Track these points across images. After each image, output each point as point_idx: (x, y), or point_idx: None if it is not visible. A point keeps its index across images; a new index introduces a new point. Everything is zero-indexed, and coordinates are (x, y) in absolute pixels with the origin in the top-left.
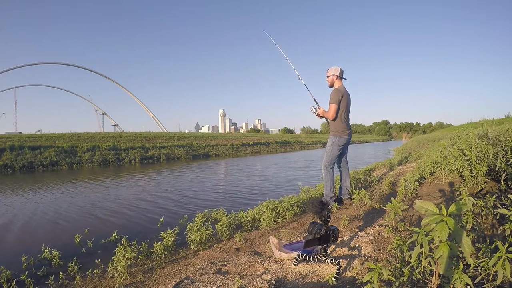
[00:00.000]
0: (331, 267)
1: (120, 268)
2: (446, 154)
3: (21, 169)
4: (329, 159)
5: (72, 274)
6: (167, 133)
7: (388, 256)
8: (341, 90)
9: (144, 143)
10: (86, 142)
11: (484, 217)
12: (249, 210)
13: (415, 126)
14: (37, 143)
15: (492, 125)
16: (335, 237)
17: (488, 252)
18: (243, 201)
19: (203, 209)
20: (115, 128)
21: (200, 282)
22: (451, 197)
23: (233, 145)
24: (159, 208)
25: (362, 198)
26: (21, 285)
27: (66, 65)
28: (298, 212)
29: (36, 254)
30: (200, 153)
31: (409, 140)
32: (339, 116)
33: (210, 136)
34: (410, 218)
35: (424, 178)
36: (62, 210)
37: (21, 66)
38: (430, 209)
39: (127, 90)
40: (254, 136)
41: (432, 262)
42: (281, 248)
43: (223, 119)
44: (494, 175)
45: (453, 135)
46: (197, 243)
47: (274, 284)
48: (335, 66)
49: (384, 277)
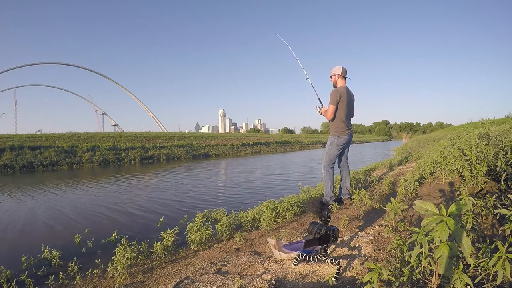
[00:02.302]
0: (331, 267)
1: (120, 268)
2: (446, 154)
3: (21, 169)
4: (328, 159)
5: (72, 274)
6: (167, 133)
7: (388, 256)
8: (340, 90)
9: (144, 143)
10: (86, 142)
11: (484, 217)
12: (249, 210)
13: (415, 126)
14: (37, 143)
15: (493, 125)
16: (335, 237)
17: (488, 252)
18: (243, 201)
19: (203, 209)
20: (115, 128)
21: (200, 282)
22: (451, 197)
23: (233, 145)
24: (159, 208)
25: (362, 198)
26: (21, 285)
27: (66, 65)
28: (298, 212)
29: (36, 254)
30: (200, 153)
31: (409, 140)
32: (338, 116)
33: (210, 136)
34: (410, 218)
35: (424, 178)
36: (62, 210)
37: (21, 66)
38: (430, 209)
39: (127, 90)
40: (254, 136)
41: (432, 262)
42: (280, 248)
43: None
44: (494, 175)
45: (453, 135)
46: (197, 243)
47: (274, 284)
48: (338, 66)
49: (384, 277)
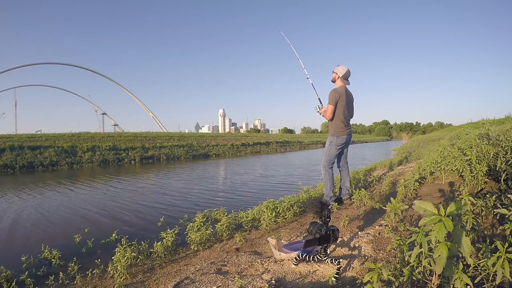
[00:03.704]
0: (331, 267)
1: (120, 268)
2: (446, 154)
3: (21, 169)
4: (327, 159)
5: (72, 274)
6: (167, 133)
7: (388, 256)
8: (339, 90)
9: (144, 143)
10: (86, 142)
11: (484, 217)
12: (249, 210)
13: (415, 126)
14: (37, 143)
15: (493, 125)
16: (335, 237)
17: (488, 252)
18: (243, 201)
19: (203, 209)
20: (115, 128)
21: (200, 282)
22: (451, 197)
23: (233, 145)
24: (159, 208)
25: (362, 198)
26: (21, 285)
27: (66, 65)
28: (298, 212)
29: (36, 254)
30: (200, 153)
31: (409, 140)
32: (337, 116)
33: (210, 136)
34: (410, 218)
35: (424, 178)
36: (62, 210)
37: (21, 66)
38: (428, 209)
39: (127, 90)
40: (254, 136)
41: (432, 262)
42: (280, 248)
43: (223, 119)
44: (494, 175)
45: (453, 135)
46: (197, 243)
47: (274, 284)
48: (343, 66)
49: (384, 277)
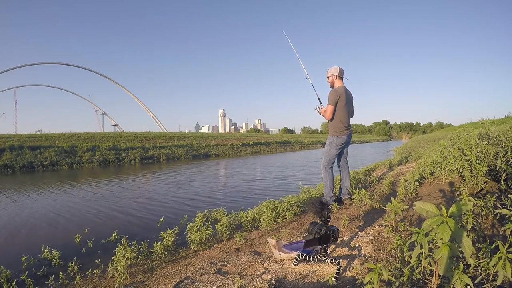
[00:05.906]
0: (331, 267)
1: (120, 268)
2: (446, 154)
3: (21, 169)
4: (327, 159)
5: (72, 274)
6: (167, 133)
7: (388, 256)
8: (338, 90)
9: (144, 143)
10: (86, 142)
11: (484, 217)
12: (249, 210)
13: (415, 126)
14: (37, 143)
15: (493, 125)
16: (335, 237)
17: (488, 252)
18: (243, 201)
19: (203, 209)
20: (115, 128)
21: (200, 282)
22: (451, 197)
23: (233, 145)
24: (159, 208)
25: (362, 198)
26: (21, 285)
27: (66, 65)
28: (298, 212)
29: (36, 254)
30: (200, 153)
31: (409, 140)
32: (337, 116)
33: (210, 136)
34: (410, 218)
35: (424, 178)
36: (62, 210)
37: (21, 66)
38: (431, 210)
39: (127, 90)
40: (254, 136)
41: (432, 262)
42: (280, 248)
43: (223, 119)
44: (494, 175)
45: (453, 135)
46: (197, 243)
47: (274, 284)
48: (334, 66)
49: (384, 277)
